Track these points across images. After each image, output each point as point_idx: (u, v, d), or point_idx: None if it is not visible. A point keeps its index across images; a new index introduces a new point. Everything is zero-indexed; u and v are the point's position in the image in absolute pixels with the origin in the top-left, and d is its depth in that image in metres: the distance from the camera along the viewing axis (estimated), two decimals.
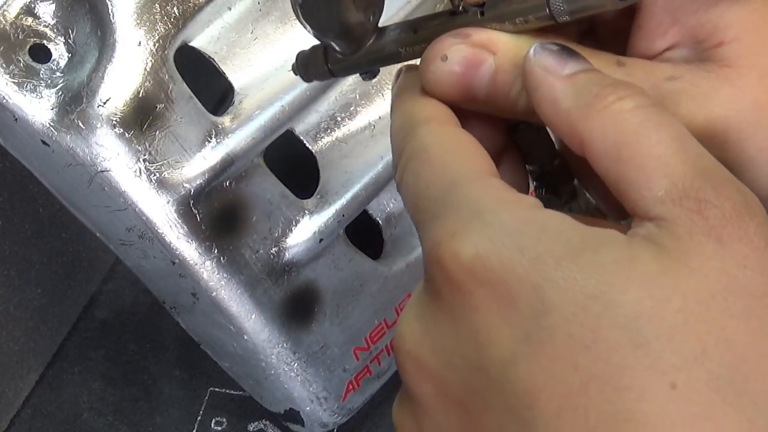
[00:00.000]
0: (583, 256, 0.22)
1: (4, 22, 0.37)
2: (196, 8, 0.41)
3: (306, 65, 0.36)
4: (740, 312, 0.22)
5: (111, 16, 0.38)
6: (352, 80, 0.46)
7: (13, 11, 0.38)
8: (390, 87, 0.47)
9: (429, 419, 0.24)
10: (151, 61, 0.39)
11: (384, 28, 0.35)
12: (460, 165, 0.25)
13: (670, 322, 0.22)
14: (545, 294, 0.22)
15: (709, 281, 0.22)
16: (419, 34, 0.33)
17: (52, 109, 0.38)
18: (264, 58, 0.44)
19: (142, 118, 0.39)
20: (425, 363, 0.24)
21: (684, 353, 0.21)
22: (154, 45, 0.39)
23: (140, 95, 0.38)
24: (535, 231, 0.23)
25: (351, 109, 0.47)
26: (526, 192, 0.30)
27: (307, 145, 0.46)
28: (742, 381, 0.21)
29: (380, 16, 0.34)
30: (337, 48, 0.35)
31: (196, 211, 0.41)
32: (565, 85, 0.25)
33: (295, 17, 0.44)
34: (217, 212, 0.41)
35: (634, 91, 0.24)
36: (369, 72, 0.36)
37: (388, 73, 0.47)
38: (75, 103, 0.38)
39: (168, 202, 0.40)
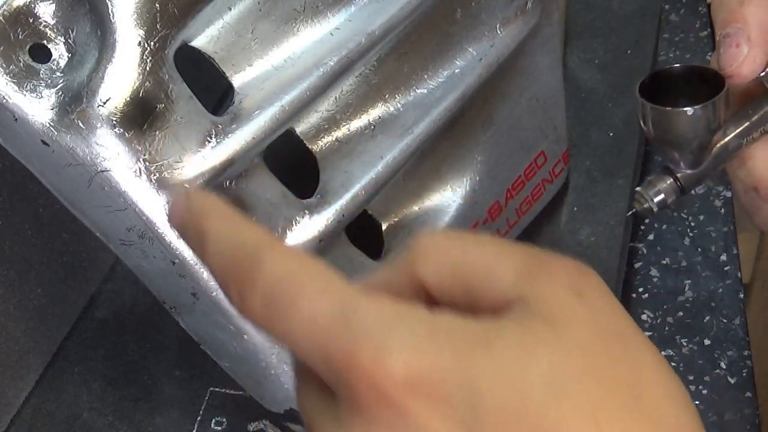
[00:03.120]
0: (495, 344, 0.26)
1: (3, 22, 0.37)
2: (196, 8, 0.41)
3: (653, 190, 0.38)
4: (618, 349, 0.27)
5: (111, 16, 0.38)
6: (352, 80, 0.46)
7: (12, 11, 0.38)
8: (389, 86, 0.48)
9: None
10: (151, 61, 0.39)
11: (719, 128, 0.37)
12: (338, 288, 0.26)
13: (579, 370, 0.26)
14: (474, 384, 0.25)
15: (588, 330, 0.26)
16: (758, 119, 0.36)
17: (52, 109, 0.38)
18: (264, 58, 0.44)
19: (142, 118, 0.39)
20: None
21: (598, 390, 0.25)
22: (154, 45, 0.39)
23: (140, 95, 0.38)
24: (446, 333, 0.25)
25: (351, 109, 0.47)
26: None
27: (307, 145, 0.46)
28: (639, 396, 0.26)
29: (723, 122, 0.37)
30: (684, 164, 0.37)
31: None
32: None
33: (295, 18, 0.44)
34: None
35: (436, 233, 0.29)
36: (715, 175, 0.39)
37: (390, 71, 0.48)
38: (75, 103, 0.38)
39: (168, 202, 0.40)
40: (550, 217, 0.61)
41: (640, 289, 0.63)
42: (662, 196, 0.39)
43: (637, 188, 0.40)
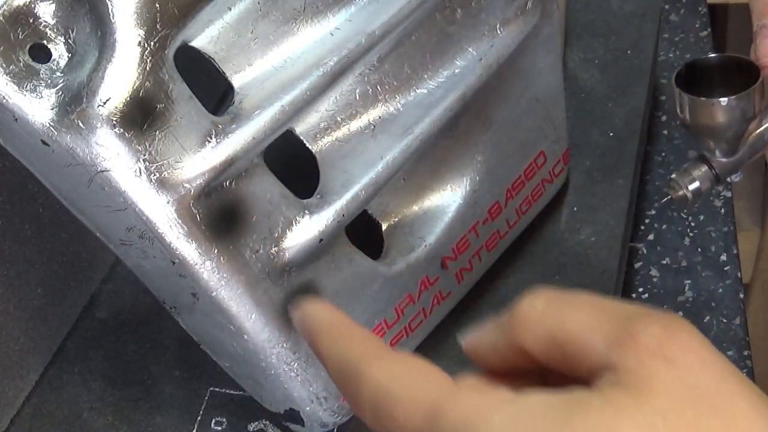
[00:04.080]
0: (576, 423, 0.26)
1: (3, 22, 0.37)
2: (196, 8, 0.41)
3: (688, 178, 0.38)
4: (709, 413, 0.26)
5: (111, 16, 0.38)
6: (352, 80, 0.46)
7: (12, 11, 0.38)
8: (389, 86, 0.48)
9: None
10: (151, 61, 0.39)
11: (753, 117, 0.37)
12: (429, 391, 0.29)
13: None
14: None
15: (675, 397, 0.26)
16: None
17: (52, 109, 0.38)
18: (264, 58, 0.44)
19: (142, 118, 0.39)
20: None
21: None
22: (154, 45, 0.39)
23: (140, 95, 0.38)
24: (529, 418, 0.27)
25: (351, 109, 0.47)
26: None
27: (307, 145, 0.46)
28: None
29: (758, 111, 0.36)
30: (719, 152, 0.37)
31: (196, 211, 0.41)
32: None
33: (296, 18, 0.44)
34: (217, 212, 0.41)
35: (537, 296, 0.30)
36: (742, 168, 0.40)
37: (390, 71, 0.48)
38: (75, 103, 0.38)
39: (168, 202, 0.40)
40: (550, 217, 0.61)
41: (640, 289, 0.63)
42: (697, 183, 0.39)
43: (672, 176, 0.40)
